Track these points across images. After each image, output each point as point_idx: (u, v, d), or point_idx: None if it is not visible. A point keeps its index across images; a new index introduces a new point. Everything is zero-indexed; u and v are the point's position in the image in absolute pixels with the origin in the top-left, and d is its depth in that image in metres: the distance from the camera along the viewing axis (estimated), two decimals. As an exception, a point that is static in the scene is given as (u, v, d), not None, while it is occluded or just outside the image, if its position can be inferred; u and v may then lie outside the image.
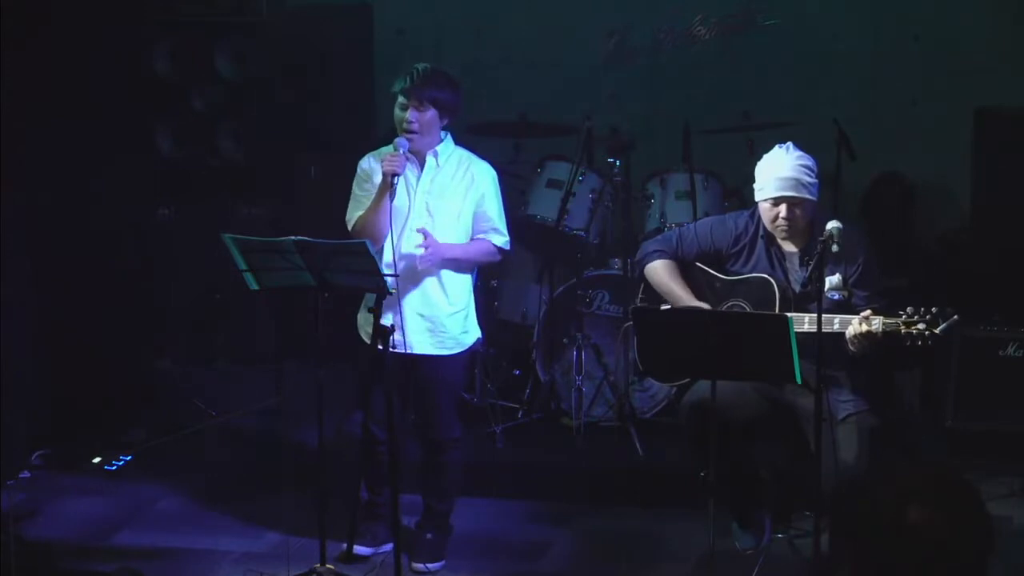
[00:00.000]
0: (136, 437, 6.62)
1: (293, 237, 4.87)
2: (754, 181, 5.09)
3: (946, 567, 2.24)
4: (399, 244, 5.15)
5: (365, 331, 5.21)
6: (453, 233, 5.21)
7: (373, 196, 5.15)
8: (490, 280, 7.05)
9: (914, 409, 6.51)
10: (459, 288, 5.28)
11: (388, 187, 5.03)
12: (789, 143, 5.08)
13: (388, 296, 4.94)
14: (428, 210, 5.18)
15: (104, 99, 6.74)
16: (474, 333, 5.39)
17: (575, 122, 6.69)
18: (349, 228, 5.23)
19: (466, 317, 5.33)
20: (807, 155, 5.05)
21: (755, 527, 5.34)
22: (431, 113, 5.12)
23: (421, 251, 5.08)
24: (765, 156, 5.10)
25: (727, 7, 7.79)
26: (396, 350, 5.04)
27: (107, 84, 6.78)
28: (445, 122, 5.19)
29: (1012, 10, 7.40)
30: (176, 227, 7.11)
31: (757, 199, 5.07)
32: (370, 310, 4.90)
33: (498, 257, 5.37)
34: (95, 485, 6.29)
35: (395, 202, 5.06)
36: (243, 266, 4.93)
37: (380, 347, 4.81)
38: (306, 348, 6.21)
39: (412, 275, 5.16)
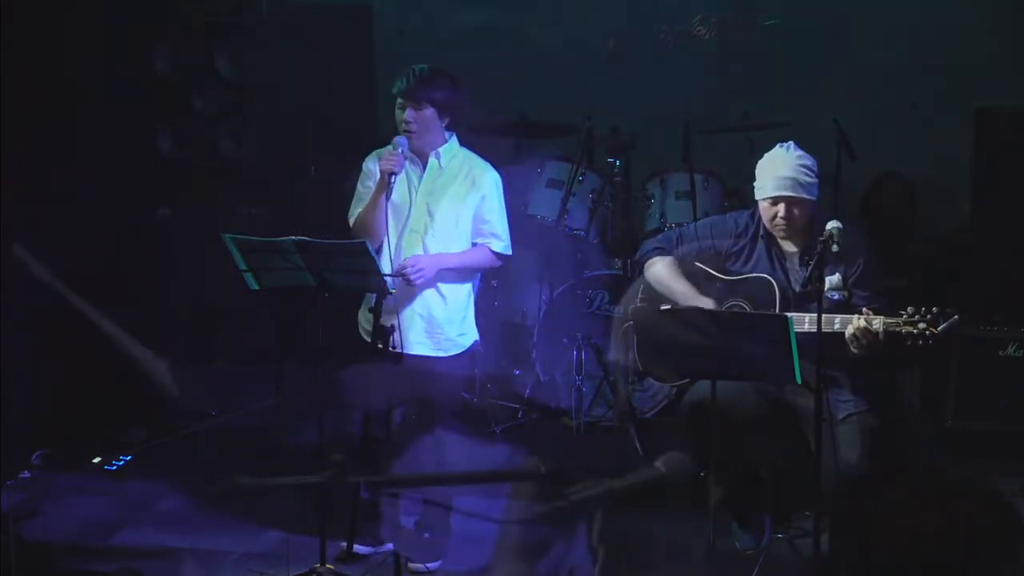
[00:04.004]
0: (136, 437, 6.61)
1: (293, 237, 4.87)
2: (754, 180, 5.09)
3: (948, 568, 2.24)
4: (400, 243, 5.14)
5: (364, 329, 5.22)
6: (452, 235, 5.19)
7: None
8: (490, 280, 7.05)
9: (914, 409, 6.51)
10: (458, 292, 5.25)
11: (385, 186, 5.02)
12: (790, 142, 5.08)
13: (388, 296, 4.94)
14: (428, 211, 5.17)
15: (104, 99, 6.74)
16: (471, 335, 5.37)
17: (575, 122, 6.68)
18: (351, 224, 5.24)
19: (463, 320, 5.31)
20: (807, 155, 5.04)
21: (755, 527, 5.34)
22: (429, 112, 5.10)
23: (420, 255, 5.07)
24: (766, 155, 5.10)
25: (727, 7, 7.79)
26: (394, 349, 5.05)
27: (107, 84, 6.78)
28: (446, 121, 5.17)
29: (1012, 10, 7.40)
30: (176, 227, 7.11)
31: (757, 198, 5.08)
32: (370, 310, 4.90)
33: (498, 263, 5.33)
34: (95, 485, 6.29)
35: (396, 200, 5.05)
36: (243, 266, 4.93)
37: (380, 346, 4.82)
38: (306, 348, 6.22)
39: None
